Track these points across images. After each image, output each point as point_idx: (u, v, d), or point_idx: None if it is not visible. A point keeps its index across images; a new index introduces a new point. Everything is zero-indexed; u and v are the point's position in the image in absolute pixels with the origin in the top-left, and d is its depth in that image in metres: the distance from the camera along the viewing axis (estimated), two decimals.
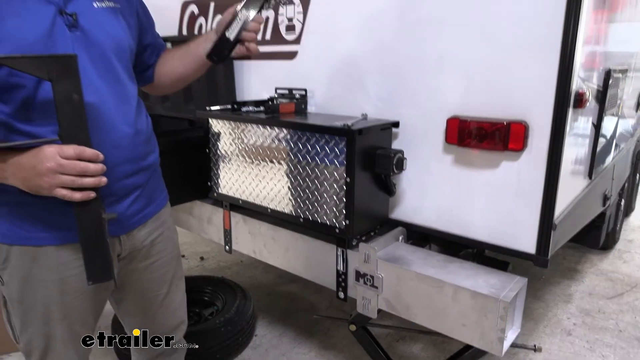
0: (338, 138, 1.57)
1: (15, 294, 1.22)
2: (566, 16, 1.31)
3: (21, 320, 1.25)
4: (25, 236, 1.17)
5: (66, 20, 1.10)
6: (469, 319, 1.43)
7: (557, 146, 1.41)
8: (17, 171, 1.03)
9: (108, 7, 1.20)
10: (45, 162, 1.00)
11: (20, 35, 1.03)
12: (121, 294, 1.43)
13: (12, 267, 1.20)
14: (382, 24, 1.71)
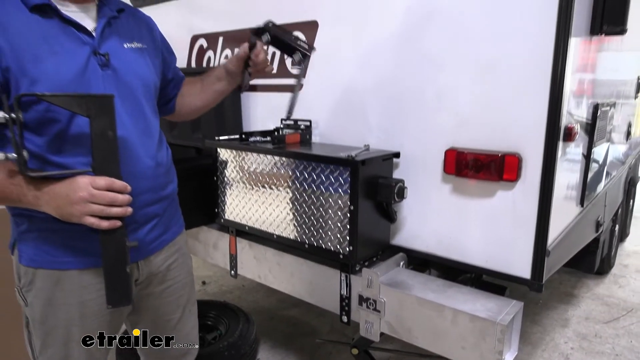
0: (342, 168, 1.66)
1: (38, 315, 1.29)
2: (554, 61, 1.42)
3: (42, 341, 1.31)
4: (51, 260, 1.24)
5: (99, 60, 1.20)
6: (467, 341, 1.49)
7: (549, 176, 1.50)
8: (50, 199, 1.11)
9: (136, 47, 1.30)
10: (79, 191, 1.08)
11: (58, 74, 1.13)
12: (137, 317, 1.49)
13: (37, 289, 1.26)
14: (383, 59, 1.83)
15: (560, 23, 1.40)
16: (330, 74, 2.01)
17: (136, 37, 1.32)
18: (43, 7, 1.13)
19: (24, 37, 1.10)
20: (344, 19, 1.93)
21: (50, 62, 1.12)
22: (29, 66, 1.10)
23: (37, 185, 1.11)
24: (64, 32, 1.16)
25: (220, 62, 2.45)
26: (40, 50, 1.11)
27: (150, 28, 1.42)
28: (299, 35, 2.06)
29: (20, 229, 1.24)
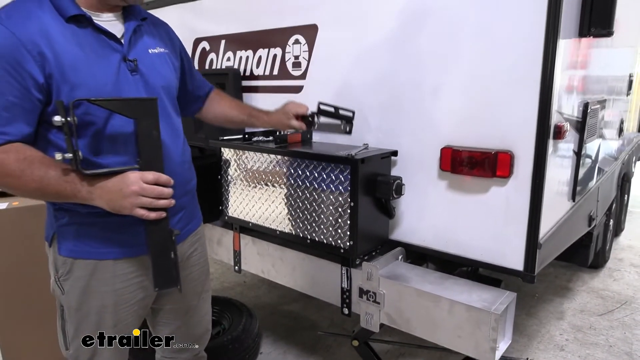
0: (343, 166, 1.74)
1: (74, 302, 1.38)
2: (543, 62, 1.49)
3: (75, 328, 1.40)
4: (88, 251, 1.34)
5: (128, 65, 1.30)
6: (463, 330, 1.57)
7: (540, 173, 1.57)
8: (103, 194, 1.20)
9: (159, 52, 1.40)
10: (131, 185, 1.18)
11: (95, 80, 1.22)
12: (159, 305, 1.58)
13: (74, 278, 1.36)
14: (380, 61, 1.90)
15: (549, 26, 1.47)
16: (330, 75, 2.08)
17: (158, 42, 1.42)
18: (79, 17, 1.22)
19: (63, 46, 1.18)
20: (342, 22, 2.00)
21: (88, 69, 1.21)
22: (69, 73, 1.18)
23: (90, 181, 1.20)
24: (97, 40, 1.25)
25: (223, 65, 2.52)
26: (78, 58, 1.20)
27: (168, 33, 1.52)
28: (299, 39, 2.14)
29: (60, 222, 1.33)
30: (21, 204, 2.51)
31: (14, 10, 1.18)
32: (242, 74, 2.44)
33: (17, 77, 1.14)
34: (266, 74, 2.34)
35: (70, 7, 1.21)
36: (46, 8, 1.20)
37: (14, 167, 1.16)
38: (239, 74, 2.44)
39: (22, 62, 1.14)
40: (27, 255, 2.46)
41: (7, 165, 1.16)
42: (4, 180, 1.18)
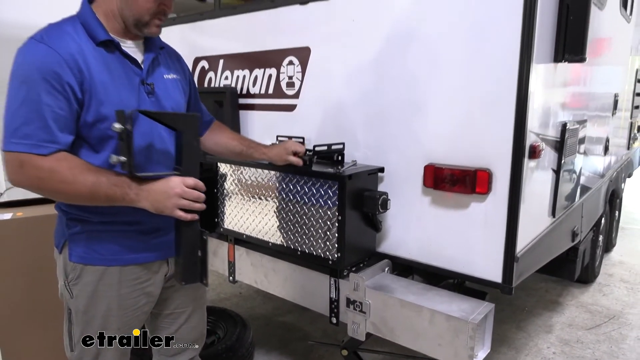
0: (331, 182, 1.83)
1: (81, 306, 1.47)
2: (518, 87, 1.61)
3: (81, 330, 1.50)
4: (97, 257, 1.44)
5: (146, 88, 1.43)
6: (443, 339, 1.65)
7: (516, 189, 1.67)
8: (149, 195, 1.32)
9: (173, 78, 1.55)
10: (175, 188, 1.31)
11: (120, 99, 1.35)
12: (158, 309, 1.67)
13: (83, 283, 1.46)
14: (367, 82, 2.01)
15: (522, 53, 1.59)
16: (321, 95, 2.19)
17: (172, 69, 1.56)
18: (108, 42, 1.36)
19: (95, 66, 1.32)
20: (333, 46, 2.11)
21: (115, 89, 1.35)
22: (99, 91, 1.32)
23: (138, 185, 1.32)
24: (122, 64, 1.39)
25: (221, 83, 2.63)
26: (107, 79, 1.34)
27: (180, 62, 1.65)
28: (293, 60, 2.25)
29: (72, 230, 1.43)
30: (25, 215, 2.61)
31: (52, 31, 1.31)
32: (239, 92, 2.55)
33: (62, 91, 1.27)
34: (262, 93, 2.45)
35: (101, 33, 1.35)
36: (80, 31, 1.34)
37: (68, 173, 1.27)
38: (236, 92, 2.56)
39: (65, 76, 1.26)
40: (30, 264, 2.54)
41: (62, 172, 1.27)
42: (58, 186, 1.29)
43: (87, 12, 1.37)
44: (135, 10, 1.36)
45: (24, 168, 1.27)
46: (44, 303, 2.61)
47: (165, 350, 1.77)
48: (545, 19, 1.69)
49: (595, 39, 2.46)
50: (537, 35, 1.60)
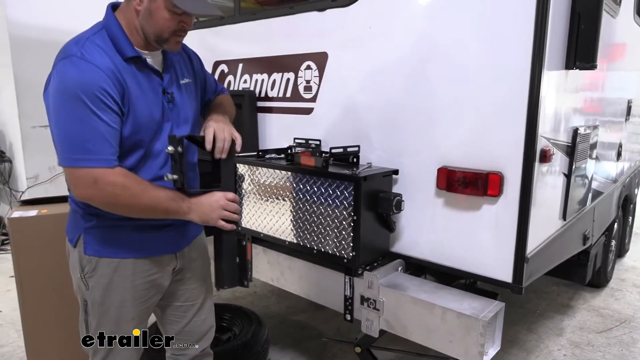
0: (347, 183, 1.90)
1: (97, 297, 1.56)
2: (529, 94, 1.66)
3: (98, 320, 1.58)
4: (111, 251, 1.53)
5: (167, 97, 1.52)
6: (455, 336, 1.71)
7: (526, 193, 1.72)
8: (198, 208, 1.48)
9: (186, 82, 1.63)
10: (219, 201, 1.49)
11: (149, 110, 1.46)
12: (167, 302, 1.76)
13: (98, 275, 1.55)
14: (383, 87, 2.08)
15: (534, 61, 1.64)
16: (338, 99, 2.26)
17: (185, 73, 1.64)
18: (136, 58, 1.43)
19: (128, 80, 1.40)
20: (350, 51, 2.19)
21: (144, 101, 1.45)
22: (135, 104, 1.42)
23: (189, 199, 1.48)
24: (147, 75, 1.47)
25: (240, 86, 2.72)
26: (138, 91, 1.43)
27: (191, 59, 1.72)
28: (311, 65, 2.33)
29: (88, 224, 1.52)
30: (49, 212, 2.71)
31: (88, 47, 1.36)
32: (257, 96, 2.64)
33: (111, 105, 1.35)
34: (280, 96, 2.53)
35: (129, 49, 1.42)
36: (109, 45, 1.40)
37: (137, 189, 1.39)
38: (255, 95, 2.64)
39: (111, 92, 1.34)
40: (54, 260, 2.63)
41: (132, 187, 1.39)
42: (130, 200, 1.39)
43: (114, 24, 1.43)
44: (156, 27, 1.41)
45: (98, 184, 1.34)
46: (69, 299, 2.70)
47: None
48: (557, 27, 1.75)
49: (608, 46, 2.50)
50: (549, 43, 1.66)
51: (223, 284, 1.66)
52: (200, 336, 1.87)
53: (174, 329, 1.83)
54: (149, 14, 1.39)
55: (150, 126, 1.47)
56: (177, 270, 1.70)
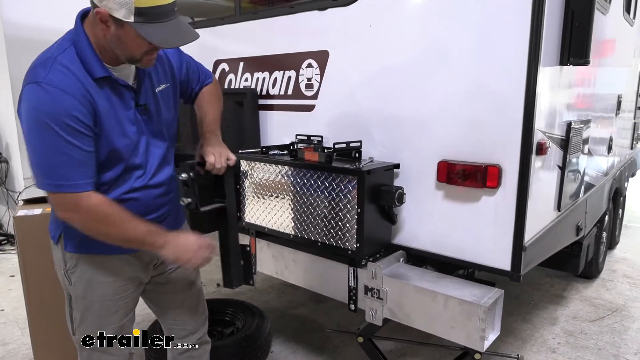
0: (351, 177, 1.96)
1: (80, 292, 1.61)
2: (526, 89, 1.73)
3: (81, 314, 1.64)
4: (91, 247, 1.55)
5: (140, 110, 1.54)
6: (457, 322, 1.78)
7: (524, 184, 1.80)
8: (172, 246, 1.52)
9: (163, 89, 1.62)
10: (192, 245, 1.55)
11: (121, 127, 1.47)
12: (155, 295, 1.85)
13: (80, 271, 1.60)
14: (384, 84, 2.14)
15: (530, 57, 1.71)
16: (339, 96, 2.32)
17: (162, 78, 1.63)
18: (105, 78, 1.41)
19: (99, 100, 1.40)
20: (350, 49, 2.24)
21: (115, 117, 1.45)
22: (106, 123, 1.43)
23: (165, 235, 1.51)
24: (118, 92, 1.47)
25: (241, 84, 2.77)
26: (108, 109, 1.43)
27: (169, 60, 1.68)
28: (312, 63, 2.39)
29: (67, 223, 1.49)
30: None
31: (56, 72, 1.32)
32: (258, 94, 2.69)
33: (83, 130, 1.34)
34: (281, 94, 2.58)
35: (97, 69, 1.38)
36: (77, 65, 1.36)
37: (117, 217, 1.43)
38: (256, 93, 2.69)
39: (80, 116, 1.33)
40: None
41: (113, 215, 1.43)
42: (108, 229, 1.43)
43: (83, 41, 1.38)
44: (126, 51, 1.37)
45: (80, 208, 1.38)
46: None
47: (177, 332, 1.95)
48: (552, 25, 1.82)
49: (599, 42, 2.58)
50: (544, 40, 1.72)
51: (232, 284, 1.83)
52: (196, 325, 1.96)
53: (168, 319, 1.92)
54: (118, 39, 1.34)
55: (125, 142, 1.48)
56: (158, 264, 1.76)
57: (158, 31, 1.30)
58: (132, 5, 1.25)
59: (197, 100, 1.87)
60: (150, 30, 1.29)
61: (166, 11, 1.31)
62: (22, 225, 2.65)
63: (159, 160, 1.62)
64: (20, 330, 3.25)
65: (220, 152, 1.76)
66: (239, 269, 1.91)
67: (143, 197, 1.57)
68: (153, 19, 1.29)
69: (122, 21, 1.28)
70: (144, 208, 1.58)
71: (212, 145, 1.78)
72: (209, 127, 1.82)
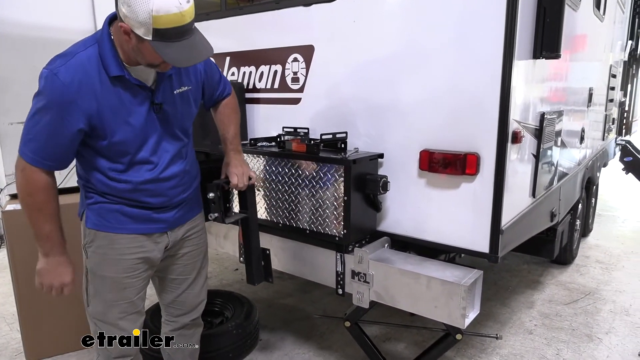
0: (337, 166, 2.05)
1: (94, 266, 1.73)
2: (502, 81, 1.84)
3: (95, 288, 1.74)
4: (108, 225, 1.68)
5: (155, 108, 1.64)
6: (439, 301, 1.88)
7: (501, 171, 1.91)
8: (45, 264, 1.65)
9: (183, 91, 1.72)
10: (46, 278, 1.68)
11: (128, 124, 1.58)
12: (163, 274, 1.95)
13: (96, 246, 1.71)
14: (367, 77, 2.23)
15: (505, 51, 1.82)
16: (325, 89, 2.40)
17: (184, 82, 1.73)
18: (119, 77, 1.53)
19: (107, 98, 1.52)
20: (335, 44, 2.33)
21: (125, 116, 1.56)
22: (111, 121, 1.54)
23: (50, 253, 1.64)
24: (133, 90, 1.58)
25: (228, 78, 2.82)
26: (118, 107, 1.55)
27: (195, 67, 1.79)
28: (298, 57, 2.46)
29: (88, 201, 1.69)
30: None
31: (70, 63, 1.47)
32: (245, 87, 2.75)
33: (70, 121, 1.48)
34: (267, 88, 2.65)
35: (113, 68, 1.51)
36: (95, 63, 1.50)
37: (40, 203, 1.56)
38: (243, 87, 2.75)
39: (74, 111, 1.47)
40: None
41: (39, 199, 1.55)
42: (26, 203, 1.56)
43: (106, 43, 1.51)
44: (146, 60, 1.49)
45: (24, 173, 1.53)
46: None
47: (173, 311, 2.04)
48: (525, 20, 1.93)
49: (571, 37, 2.71)
50: (518, 35, 1.83)
51: (254, 281, 2.11)
52: (192, 307, 2.05)
53: (168, 298, 2.01)
54: (138, 50, 1.46)
55: (129, 137, 1.59)
56: (169, 247, 1.84)
57: (173, 50, 1.40)
58: (150, 26, 1.36)
59: (218, 114, 2.02)
60: (166, 49, 1.39)
61: (182, 31, 1.40)
62: (11, 219, 2.67)
63: (171, 156, 1.72)
64: (8, 326, 3.26)
65: (242, 172, 1.94)
66: (260, 268, 2.16)
67: (156, 188, 1.69)
68: (170, 39, 1.39)
69: (142, 37, 1.39)
70: (159, 197, 1.71)
71: (235, 165, 1.95)
72: (232, 144, 2.00)
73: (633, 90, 6.54)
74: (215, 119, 2.04)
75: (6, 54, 4.63)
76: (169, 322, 2.08)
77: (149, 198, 1.69)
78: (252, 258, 2.09)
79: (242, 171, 1.95)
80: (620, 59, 5.33)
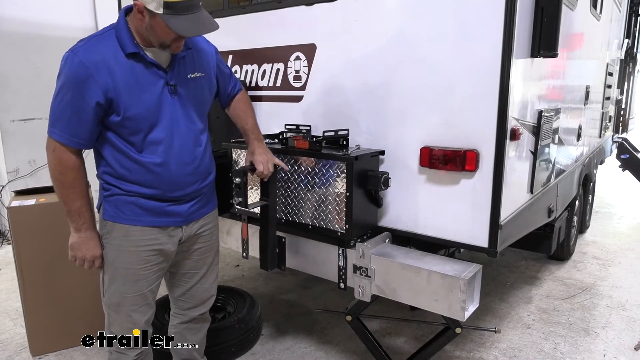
0: (340, 163, 2.09)
1: (110, 257, 1.78)
2: (500, 80, 1.88)
3: (110, 278, 1.80)
4: (124, 217, 1.75)
5: (169, 89, 1.70)
6: (439, 295, 1.93)
7: (499, 167, 1.95)
8: (79, 238, 1.74)
9: (197, 76, 1.80)
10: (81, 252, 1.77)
11: (143, 101, 1.65)
12: (175, 269, 1.99)
13: (112, 237, 1.77)
14: (368, 76, 2.27)
15: (504, 50, 1.86)
16: (327, 87, 2.44)
17: (197, 68, 1.81)
18: (135, 54, 1.62)
19: (121, 75, 1.60)
20: (337, 42, 2.36)
21: (139, 93, 1.63)
22: (125, 96, 1.61)
23: (82, 227, 1.73)
24: (147, 69, 1.66)
25: None
26: (131, 84, 1.62)
27: (208, 57, 1.89)
28: (300, 55, 2.49)
29: (105, 193, 1.76)
30: (47, 201, 2.81)
31: (89, 44, 1.61)
32: (248, 85, 2.79)
33: (90, 98, 1.57)
34: (270, 85, 2.69)
35: (129, 46, 1.62)
36: (112, 44, 1.62)
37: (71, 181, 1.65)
38: (245, 85, 2.79)
39: (92, 87, 1.56)
40: (51, 247, 2.75)
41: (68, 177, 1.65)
42: (58, 181, 1.65)
43: (122, 26, 1.65)
44: (157, 38, 1.62)
45: (54, 153, 1.62)
46: (69, 286, 2.82)
47: (182, 304, 2.08)
48: (523, 20, 1.97)
49: (568, 36, 2.76)
50: (517, 34, 1.88)
51: (267, 267, 2.19)
52: (201, 301, 2.10)
53: (178, 292, 2.06)
54: (151, 27, 1.59)
55: (144, 114, 1.65)
56: (183, 241, 1.89)
57: (183, 22, 1.54)
58: (161, 0, 1.50)
59: (233, 110, 2.10)
60: (176, 21, 1.53)
61: (190, 5, 1.55)
62: (16, 215, 2.71)
63: (184, 140, 1.77)
64: (12, 321, 3.30)
65: (267, 159, 2.05)
66: (274, 256, 2.25)
67: (170, 172, 1.74)
68: (179, 12, 1.53)
69: (154, 12, 1.52)
70: (170, 183, 1.76)
71: (260, 153, 2.06)
72: (253, 134, 2.10)
73: (629, 88, 6.60)
74: (233, 116, 2.11)
75: (7, 51, 4.67)
76: (177, 314, 2.13)
77: (164, 184, 1.74)
78: (268, 245, 2.17)
79: (267, 159, 2.04)
80: (616, 57, 5.39)
